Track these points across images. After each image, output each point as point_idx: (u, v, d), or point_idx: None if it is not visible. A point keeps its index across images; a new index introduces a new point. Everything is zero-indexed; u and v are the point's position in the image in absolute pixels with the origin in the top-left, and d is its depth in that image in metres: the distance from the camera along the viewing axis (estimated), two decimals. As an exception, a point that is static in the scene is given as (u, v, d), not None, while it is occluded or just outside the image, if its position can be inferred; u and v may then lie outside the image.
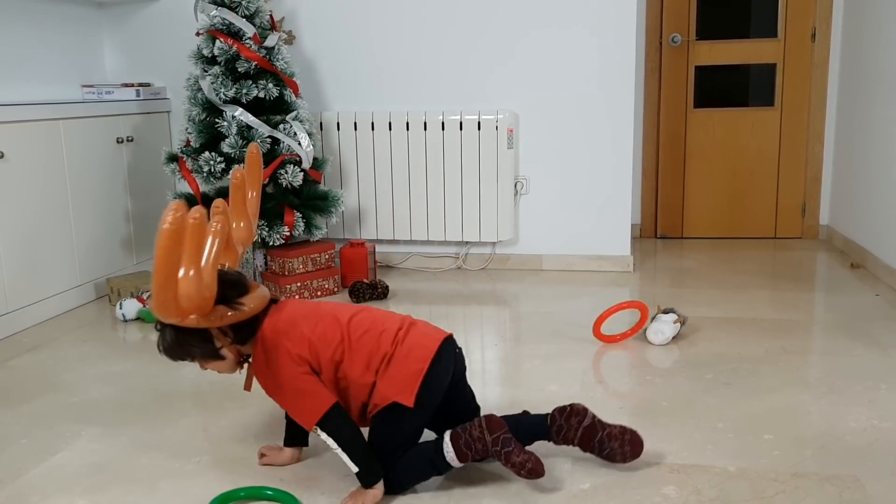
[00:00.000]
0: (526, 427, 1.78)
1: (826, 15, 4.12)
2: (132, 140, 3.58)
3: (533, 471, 1.66)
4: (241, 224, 1.85)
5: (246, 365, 1.76)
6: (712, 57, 4.28)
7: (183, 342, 1.67)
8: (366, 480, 1.67)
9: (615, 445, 1.75)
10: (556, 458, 1.84)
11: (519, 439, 1.70)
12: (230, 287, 1.66)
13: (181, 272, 1.50)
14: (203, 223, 1.54)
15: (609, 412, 2.11)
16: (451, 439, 1.70)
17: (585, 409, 1.78)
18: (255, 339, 1.70)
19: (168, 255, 1.47)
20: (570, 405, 1.79)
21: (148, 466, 1.89)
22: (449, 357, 1.75)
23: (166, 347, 1.68)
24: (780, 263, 3.87)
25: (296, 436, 1.88)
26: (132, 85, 3.71)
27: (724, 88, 4.37)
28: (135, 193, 3.62)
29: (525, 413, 1.86)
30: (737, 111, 4.32)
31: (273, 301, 1.76)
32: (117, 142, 3.49)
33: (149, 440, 2.03)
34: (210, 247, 1.59)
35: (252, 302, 1.68)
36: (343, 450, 1.66)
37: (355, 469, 1.66)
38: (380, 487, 1.68)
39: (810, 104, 4.21)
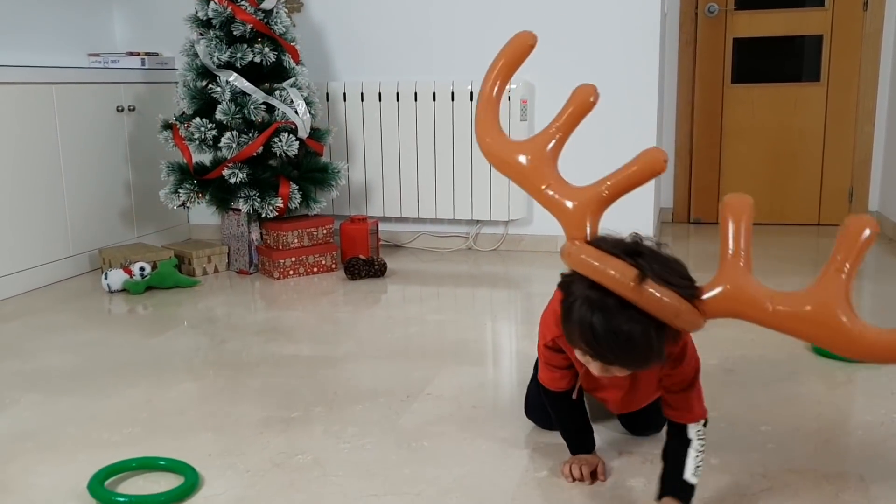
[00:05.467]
0: None
1: (880, -19, 3.77)
2: (133, 109, 3.47)
3: None
4: None
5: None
6: (752, 28, 3.96)
7: None
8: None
9: None
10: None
11: None
12: None
13: None
14: None
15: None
16: None
17: None
18: None
19: None
20: None
21: (74, 436, 1.75)
22: None
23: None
24: (822, 251, 3.55)
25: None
26: (137, 54, 3.61)
27: (764, 62, 4.04)
28: (136, 164, 3.52)
29: None
30: (778, 87, 3.99)
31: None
32: (117, 110, 3.39)
33: (86, 409, 1.89)
34: None
35: None
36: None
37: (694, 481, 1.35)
38: None
39: (860, 80, 3.86)
